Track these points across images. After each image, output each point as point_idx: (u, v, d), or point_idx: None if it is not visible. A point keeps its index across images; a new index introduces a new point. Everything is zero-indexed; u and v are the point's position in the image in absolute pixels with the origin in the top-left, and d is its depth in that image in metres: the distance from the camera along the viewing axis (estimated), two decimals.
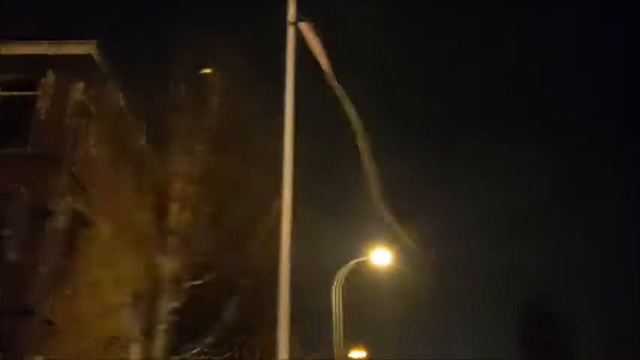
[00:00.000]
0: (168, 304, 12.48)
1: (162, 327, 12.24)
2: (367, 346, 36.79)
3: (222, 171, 13.94)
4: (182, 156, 13.68)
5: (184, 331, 12.94)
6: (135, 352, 11.88)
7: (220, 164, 13.89)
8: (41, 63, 16.47)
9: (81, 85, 16.61)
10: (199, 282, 13.08)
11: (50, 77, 16.51)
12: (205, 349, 12.50)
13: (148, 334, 12.24)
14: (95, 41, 16.62)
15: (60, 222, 15.31)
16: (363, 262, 24.29)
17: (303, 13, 9.38)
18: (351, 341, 35.46)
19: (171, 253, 12.71)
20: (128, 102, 16.78)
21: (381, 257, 23.51)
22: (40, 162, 15.75)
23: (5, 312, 14.19)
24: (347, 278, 24.89)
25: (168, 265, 12.62)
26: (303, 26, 9.27)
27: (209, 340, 12.75)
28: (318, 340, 26.60)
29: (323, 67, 9.05)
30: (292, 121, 8.71)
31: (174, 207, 13.12)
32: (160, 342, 12.12)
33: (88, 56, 16.70)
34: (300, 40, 9.26)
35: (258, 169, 13.88)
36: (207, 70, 14.00)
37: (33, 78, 16.49)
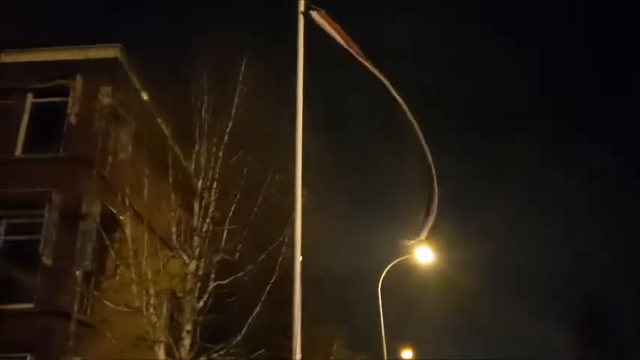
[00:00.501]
0: (194, 304, 12.54)
1: (188, 327, 12.30)
2: (415, 345, 36.45)
3: (247, 169, 13.92)
4: (206, 155, 13.72)
5: (212, 330, 12.99)
6: (161, 352, 11.92)
7: (244, 162, 13.88)
8: (69, 68, 16.71)
9: (108, 89, 16.79)
10: (225, 281, 13.11)
11: (79, 82, 16.74)
12: (232, 350, 12.47)
13: (175, 334, 12.33)
14: (120, 44, 16.76)
15: (92, 224, 15.54)
16: (407, 261, 24.06)
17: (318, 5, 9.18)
18: (400, 341, 35.17)
19: (196, 253, 12.77)
20: (155, 103, 16.96)
21: (424, 255, 23.21)
22: (71, 166, 16.01)
23: (40, 314, 14.51)
24: (392, 277, 24.68)
25: (193, 264, 12.68)
26: (316, 15, 9.06)
27: (236, 339, 12.74)
28: (366, 341, 26.46)
29: (345, 46, 8.82)
30: (302, 111, 8.55)
31: (198, 206, 13.16)
32: (186, 342, 12.18)
33: (114, 60, 16.87)
34: (314, 29, 9.06)
35: (283, 165, 13.82)
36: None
37: (63, 84, 16.75)
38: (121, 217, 14.68)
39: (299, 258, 8.23)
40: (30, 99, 16.85)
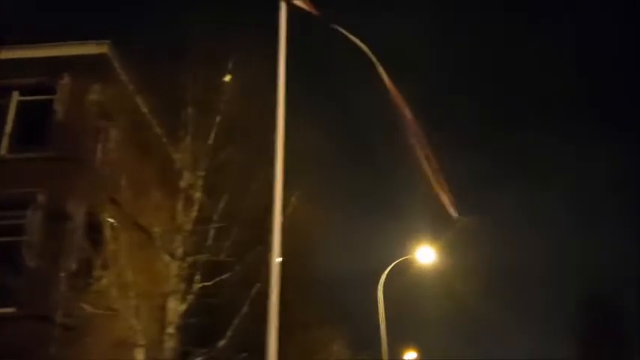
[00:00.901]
0: (177, 306, 11.98)
1: (170, 330, 11.74)
2: (418, 346, 35.70)
3: (234, 165, 13.38)
4: (191, 152, 13.20)
5: (198, 333, 12.42)
6: (140, 356, 11.36)
7: (231, 158, 13.34)
8: (57, 65, 16.29)
9: (97, 86, 16.33)
10: (210, 282, 12.54)
11: (66, 79, 16.31)
12: (214, 354, 11.88)
13: (158, 336, 11.76)
14: (108, 41, 16.31)
15: (77, 225, 15.05)
16: (409, 261, 23.36)
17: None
18: (403, 341, 34.50)
19: (180, 253, 12.21)
20: (145, 100, 16.48)
21: (426, 255, 22.52)
22: (57, 165, 15.54)
23: (24, 317, 14.02)
24: (394, 277, 24.04)
25: (176, 265, 12.12)
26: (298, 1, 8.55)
27: (221, 342, 12.14)
28: (369, 341, 25.80)
29: (315, 12, 8.42)
30: (284, 106, 7.97)
31: (181, 204, 12.62)
32: (168, 345, 11.62)
33: (103, 56, 16.42)
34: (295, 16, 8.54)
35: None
36: (227, 78, 13.45)
37: (50, 81, 16.32)
38: (105, 218, 14.16)
39: (277, 260, 7.66)
40: (16, 97, 16.42)
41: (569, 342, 44.25)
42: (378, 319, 23.37)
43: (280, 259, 7.44)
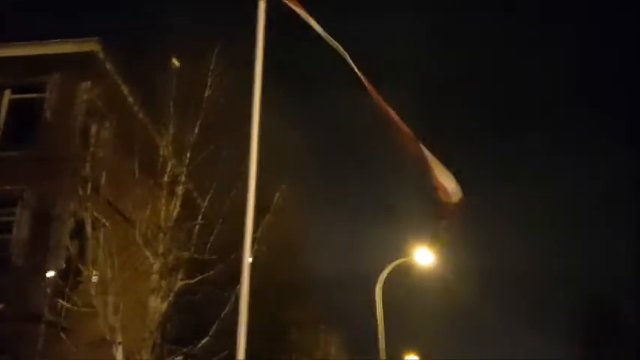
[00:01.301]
0: (158, 304, 11.87)
1: (151, 327, 11.64)
2: (417, 347, 35.45)
3: (219, 162, 13.28)
4: (171, 147, 13.11)
5: (181, 331, 12.33)
6: (119, 354, 11.27)
7: (216, 154, 13.24)
8: (46, 63, 16.28)
9: (87, 84, 16.29)
10: (193, 281, 12.42)
11: (56, 77, 16.28)
12: (195, 353, 11.76)
13: (139, 334, 11.66)
14: (97, 38, 16.27)
15: (66, 223, 15.01)
16: (407, 263, 23.12)
17: None
18: (402, 343, 34.30)
19: (162, 250, 12.12)
20: (134, 96, 16.44)
21: (424, 257, 22.21)
22: (46, 163, 15.49)
23: (10, 316, 13.99)
24: (393, 279, 23.83)
25: (158, 262, 12.02)
26: None
27: (203, 341, 12.02)
28: (367, 342, 25.64)
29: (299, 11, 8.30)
30: (259, 107, 7.79)
31: (164, 199, 12.53)
32: (148, 343, 11.52)
33: (92, 54, 16.37)
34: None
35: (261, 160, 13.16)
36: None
37: (40, 79, 16.31)
38: (90, 215, 14.07)
39: (248, 260, 7.55)
40: (7, 95, 16.42)
41: (569, 342, 43.95)
42: (376, 320, 23.22)
43: (251, 259, 7.32)
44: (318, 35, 8.51)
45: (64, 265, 14.39)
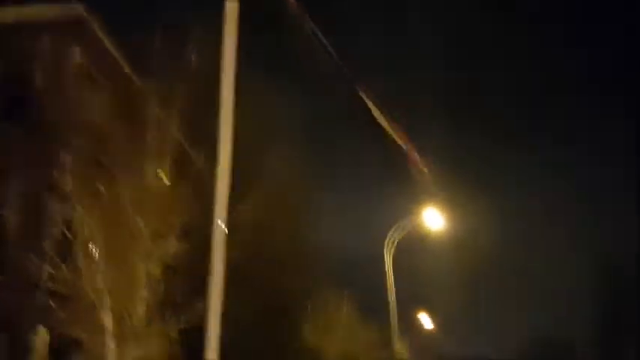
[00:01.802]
0: (149, 268, 11.58)
1: (142, 293, 11.37)
2: (431, 309, 35.28)
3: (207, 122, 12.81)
4: (159, 107, 12.70)
5: (171, 297, 12.02)
6: (107, 319, 11.04)
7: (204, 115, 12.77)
8: (34, 30, 15.89)
9: (77, 50, 15.91)
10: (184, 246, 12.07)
11: (45, 43, 15.90)
12: (188, 319, 11.47)
13: (130, 300, 11.39)
14: (82, 4, 15.83)
15: (61, 196, 14.76)
16: (415, 223, 22.65)
17: None
18: (414, 304, 34.08)
19: (149, 214, 11.77)
20: (126, 61, 16.03)
21: (432, 217, 21.53)
22: (40, 135, 15.21)
23: (9, 285, 13.92)
24: (402, 242, 23.47)
25: (147, 227, 11.68)
26: None
27: (196, 309, 11.67)
28: (379, 305, 25.43)
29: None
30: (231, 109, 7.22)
31: (150, 162, 12.18)
32: (139, 309, 11.27)
33: (80, 17, 15.93)
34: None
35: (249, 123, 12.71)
36: None
37: (28, 46, 15.93)
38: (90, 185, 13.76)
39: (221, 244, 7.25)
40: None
41: (585, 322, 43.67)
42: (387, 283, 23.03)
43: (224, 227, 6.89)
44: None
45: (61, 235, 14.21)
